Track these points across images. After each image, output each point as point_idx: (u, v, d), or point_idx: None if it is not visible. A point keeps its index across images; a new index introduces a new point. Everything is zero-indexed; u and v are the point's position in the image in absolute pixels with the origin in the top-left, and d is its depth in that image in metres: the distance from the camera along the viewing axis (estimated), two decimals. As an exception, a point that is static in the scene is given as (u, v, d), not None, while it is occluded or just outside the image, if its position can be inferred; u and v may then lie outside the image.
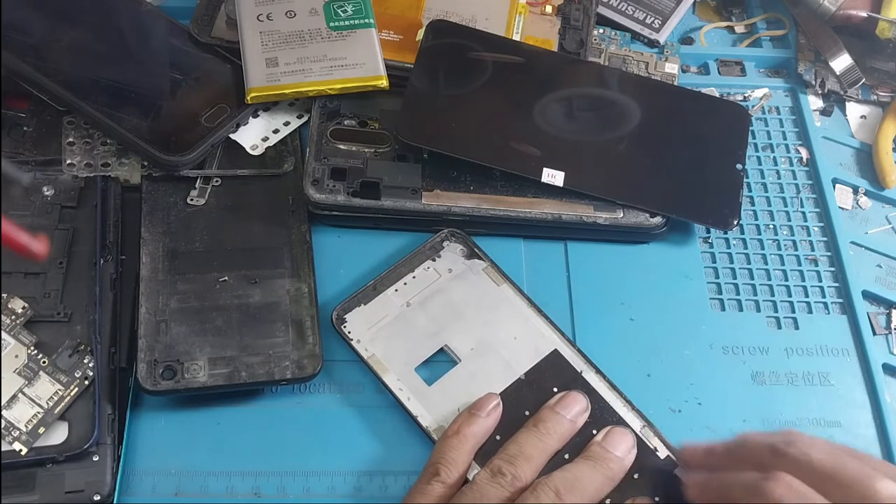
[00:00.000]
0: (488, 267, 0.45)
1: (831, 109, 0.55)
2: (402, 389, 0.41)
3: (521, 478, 0.37)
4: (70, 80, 0.47)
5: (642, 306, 0.46)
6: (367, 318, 0.43)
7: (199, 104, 0.49)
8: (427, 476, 0.38)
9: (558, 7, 0.54)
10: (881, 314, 0.47)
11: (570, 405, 0.40)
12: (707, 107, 0.51)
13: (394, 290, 0.44)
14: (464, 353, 0.42)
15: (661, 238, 0.48)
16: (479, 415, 0.39)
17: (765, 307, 0.47)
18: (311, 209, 0.47)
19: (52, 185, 0.46)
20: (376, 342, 0.43)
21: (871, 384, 0.44)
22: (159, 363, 0.41)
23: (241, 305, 0.43)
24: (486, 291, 0.44)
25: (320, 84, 0.48)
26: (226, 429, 0.41)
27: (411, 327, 0.43)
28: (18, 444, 0.38)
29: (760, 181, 0.52)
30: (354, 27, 0.50)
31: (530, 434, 0.39)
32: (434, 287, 0.44)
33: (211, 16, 0.52)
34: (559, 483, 0.36)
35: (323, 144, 0.48)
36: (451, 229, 0.46)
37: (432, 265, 0.45)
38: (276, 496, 0.40)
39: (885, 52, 0.56)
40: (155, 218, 0.46)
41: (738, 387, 0.44)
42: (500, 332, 0.43)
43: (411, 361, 0.42)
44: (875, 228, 0.51)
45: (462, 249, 0.46)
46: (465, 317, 0.43)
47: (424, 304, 0.44)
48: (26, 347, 0.41)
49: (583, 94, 0.50)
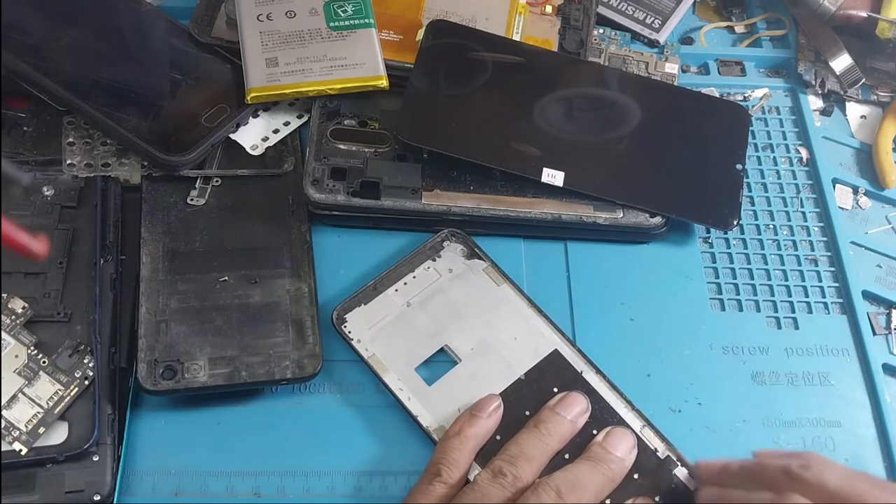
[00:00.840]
0: (488, 267, 0.45)
1: (831, 109, 0.55)
2: (403, 389, 0.41)
3: (522, 478, 0.37)
4: (70, 80, 0.47)
5: (642, 306, 0.46)
6: (368, 318, 0.43)
7: (199, 104, 0.49)
8: (429, 476, 0.38)
9: (558, 7, 0.54)
10: (881, 314, 0.47)
11: (570, 406, 0.40)
12: (707, 107, 0.51)
13: (394, 290, 0.44)
14: (464, 353, 0.42)
15: (661, 238, 0.48)
16: (480, 416, 0.39)
17: (765, 307, 0.47)
18: (311, 209, 0.47)
19: (52, 185, 0.46)
20: (376, 342, 0.43)
21: (871, 384, 0.44)
22: (159, 363, 0.41)
23: (241, 305, 0.43)
24: (487, 291, 0.44)
25: (320, 84, 0.48)
26: (226, 429, 0.41)
27: (411, 327, 0.43)
28: (18, 444, 0.38)
29: (760, 181, 0.52)
30: (354, 27, 0.50)
31: (531, 435, 0.39)
32: (434, 287, 0.44)
33: (211, 16, 0.52)
34: (560, 483, 0.36)
35: (323, 144, 0.48)
36: (452, 229, 0.46)
37: (433, 265, 0.45)
38: (276, 496, 0.40)
39: (885, 52, 0.56)
40: (155, 218, 0.46)
41: (738, 387, 0.44)
42: (501, 332, 0.43)
43: (411, 361, 0.42)
44: (875, 228, 0.51)
45: (462, 249, 0.46)
46: (465, 317, 0.43)
47: (425, 304, 0.44)
48: (26, 347, 0.41)
49: (583, 94, 0.50)
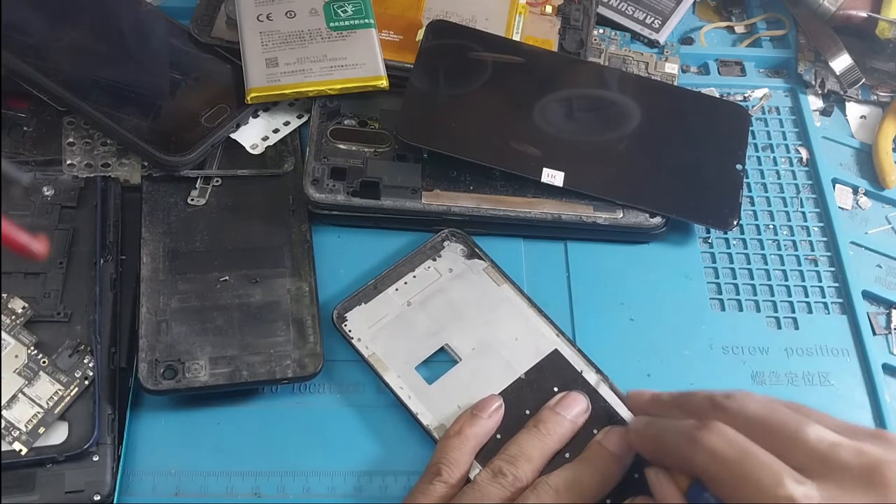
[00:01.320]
0: (489, 267, 0.45)
1: (831, 109, 0.55)
2: (403, 388, 0.41)
3: (521, 478, 0.37)
4: (70, 80, 0.47)
5: (642, 306, 0.46)
6: (368, 317, 0.43)
7: (200, 104, 0.49)
8: (429, 476, 0.38)
9: (558, 7, 0.54)
10: (881, 314, 0.47)
11: (570, 406, 0.40)
12: (707, 107, 0.51)
13: (394, 290, 0.44)
14: (464, 353, 0.42)
15: (661, 238, 0.48)
16: (481, 416, 0.39)
17: (765, 307, 0.47)
18: (311, 209, 0.47)
19: (52, 185, 0.46)
20: (377, 341, 0.43)
21: (871, 384, 0.44)
22: (160, 363, 0.41)
23: (241, 305, 0.43)
24: (487, 291, 0.44)
25: (320, 84, 0.48)
26: (226, 429, 0.41)
27: (412, 326, 0.43)
28: (18, 444, 0.38)
29: (760, 181, 0.52)
30: (354, 27, 0.50)
31: (531, 435, 0.39)
32: (435, 286, 0.44)
33: (211, 16, 0.52)
34: (559, 483, 0.36)
35: (323, 144, 0.48)
36: (452, 229, 0.46)
37: (433, 265, 0.45)
38: (276, 496, 0.40)
39: (885, 52, 0.56)
40: (155, 218, 0.46)
41: (738, 387, 0.43)
42: (501, 331, 0.43)
43: (412, 360, 0.42)
44: (875, 228, 0.51)
45: (462, 249, 0.46)
46: (465, 316, 0.43)
47: (425, 304, 0.44)
48: (26, 347, 0.41)
49: (583, 94, 0.50)
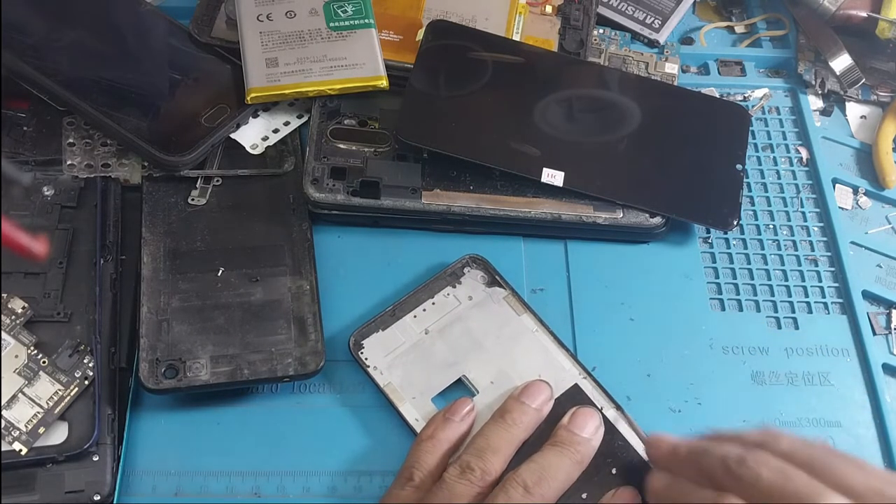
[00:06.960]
0: (509, 295, 0.44)
1: (831, 109, 0.55)
2: (419, 420, 0.40)
3: (490, 471, 0.36)
4: (70, 80, 0.47)
5: (642, 306, 0.46)
6: (385, 345, 0.42)
7: (200, 104, 0.49)
8: (402, 480, 0.37)
9: (558, 7, 0.54)
10: (881, 314, 0.47)
11: (534, 394, 0.40)
12: (707, 107, 0.51)
13: (412, 317, 0.43)
14: (482, 385, 0.41)
15: (661, 238, 0.48)
16: (453, 419, 0.39)
17: (765, 307, 0.47)
18: (311, 208, 0.47)
19: (52, 185, 0.46)
20: (393, 370, 0.42)
21: (871, 384, 0.44)
22: (161, 362, 0.41)
23: (242, 303, 0.43)
24: (507, 321, 0.43)
25: (320, 84, 0.48)
26: (226, 429, 0.41)
27: (429, 356, 0.42)
28: (18, 444, 0.38)
29: (760, 181, 0.52)
30: (354, 27, 0.50)
31: (497, 426, 0.38)
32: (453, 314, 0.43)
33: (211, 16, 0.52)
34: (527, 476, 0.36)
35: (323, 144, 0.48)
36: (473, 255, 0.45)
37: (452, 291, 0.44)
38: (276, 496, 0.40)
39: (885, 52, 0.56)
40: (156, 218, 0.46)
41: (738, 387, 0.44)
42: (520, 364, 0.42)
43: (428, 391, 0.41)
44: (875, 228, 0.51)
45: (483, 276, 0.45)
46: (484, 347, 0.42)
47: (443, 332, 0.43)
48: (26, 347, 0.41)
49: (583, 94, 0.50)
